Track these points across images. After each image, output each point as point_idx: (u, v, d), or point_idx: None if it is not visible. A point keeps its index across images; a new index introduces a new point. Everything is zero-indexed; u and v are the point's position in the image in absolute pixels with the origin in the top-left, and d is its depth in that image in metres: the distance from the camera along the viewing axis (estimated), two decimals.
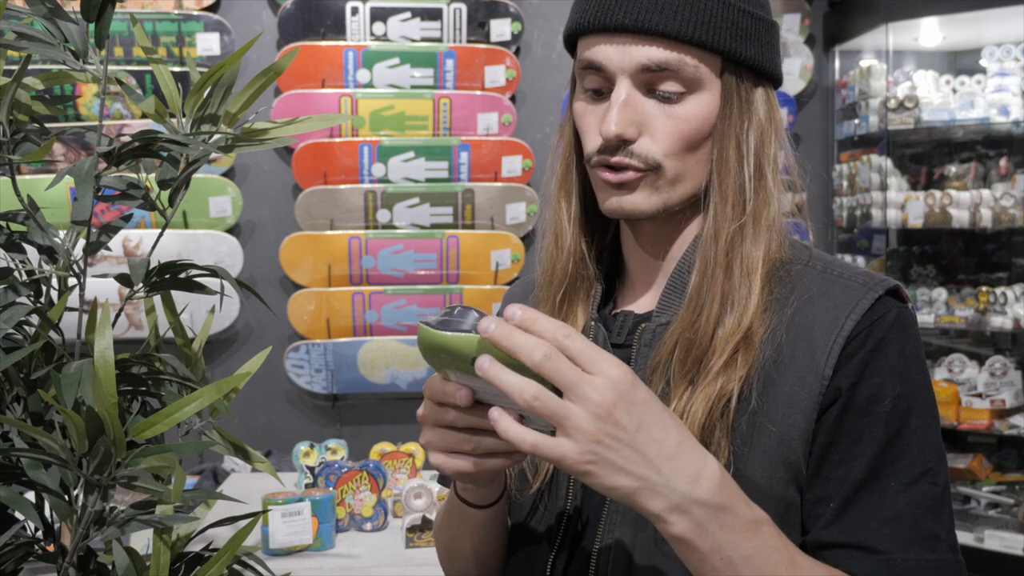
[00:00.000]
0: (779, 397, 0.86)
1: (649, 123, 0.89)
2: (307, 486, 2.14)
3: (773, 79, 0.94)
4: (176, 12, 3.42)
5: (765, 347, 0.87)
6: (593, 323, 0.96)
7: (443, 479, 1.16)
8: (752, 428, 0.86)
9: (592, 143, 0.91)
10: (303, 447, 2.22)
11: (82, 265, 0.77)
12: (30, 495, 0.73)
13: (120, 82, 0.78)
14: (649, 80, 0.89)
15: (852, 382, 0.85)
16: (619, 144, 0.88)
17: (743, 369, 0.86)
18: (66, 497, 0.69)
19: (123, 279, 0.78)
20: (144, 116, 1.14)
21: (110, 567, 0.73)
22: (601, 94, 0.91)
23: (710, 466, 0.72)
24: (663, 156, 0.89)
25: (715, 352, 0.86)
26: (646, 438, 0.69)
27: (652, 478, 0.70)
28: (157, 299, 0.83)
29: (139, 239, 3.33)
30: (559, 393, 0.68)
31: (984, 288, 3.54)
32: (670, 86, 0.88)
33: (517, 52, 3.62)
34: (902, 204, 3.63)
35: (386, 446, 2.24)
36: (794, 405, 0.85)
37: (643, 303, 0.98)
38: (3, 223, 0.79)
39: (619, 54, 0.88)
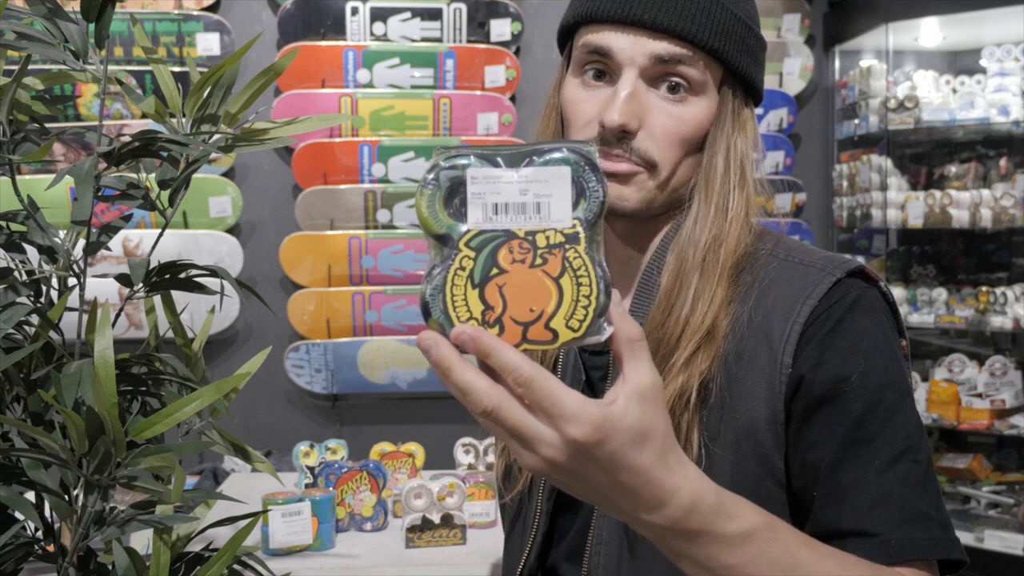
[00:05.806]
0: (742, 391, 0.86)
1: (650, 118, 0.89)
2: (307, 486, 2.14)
3: (757, 98, 0.96)
4: (176, 12, 3.42)
5: (727, 341, 0.87)
6: None
7: None
8: (718, 423, 0.86)
9: (587, 132, 0.90)
10: (303, 447, 2.22)
11: (82, 265, 0.77)
12: (30, 495, 0.73)
13: (120, 82, 0.78)
14: (658, 73, 0.89)
15: (812, 365, 0.84)
16: (620, 135, 0.88)
17: (705, 364, 0.86)
18: (66, 497, 0.69)
19: (123, 279, 0.78)
20: (144, 116, 1.14)
21: (110, 567, 0.73)
22: (600, 79, 0.91)
23: (678, 498, 0.63)
24: (659, 154, 0.89)
25: (679, 349, 0.87)
26: (603, 479, 0.62)
27: (608, 504, 0.65)
28: (157, 299, 0.83)
29: (139, 239, 3.33)
30: None
31: (984, 288, 3.54)
32: (677, 81, 0.89)
33: (517, 52, 3.62)
34: (902, 204, 3.63)
35: (386, 446, 2.24)
36: (756, 397, 0.85)
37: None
38: (3, 223, 0.79)
39: (631, 44, 0.88)
